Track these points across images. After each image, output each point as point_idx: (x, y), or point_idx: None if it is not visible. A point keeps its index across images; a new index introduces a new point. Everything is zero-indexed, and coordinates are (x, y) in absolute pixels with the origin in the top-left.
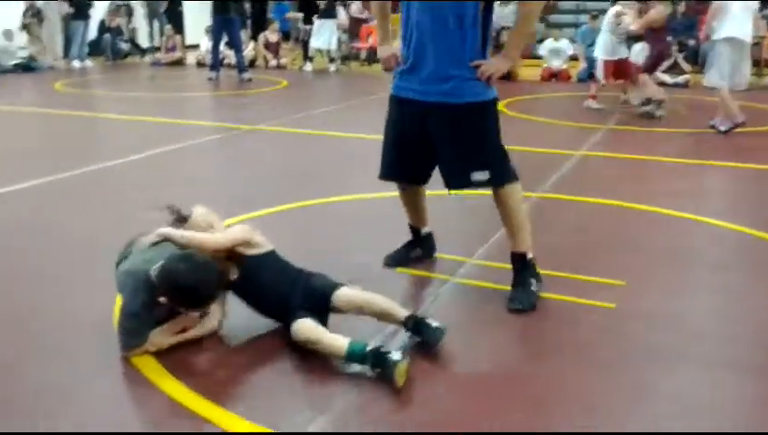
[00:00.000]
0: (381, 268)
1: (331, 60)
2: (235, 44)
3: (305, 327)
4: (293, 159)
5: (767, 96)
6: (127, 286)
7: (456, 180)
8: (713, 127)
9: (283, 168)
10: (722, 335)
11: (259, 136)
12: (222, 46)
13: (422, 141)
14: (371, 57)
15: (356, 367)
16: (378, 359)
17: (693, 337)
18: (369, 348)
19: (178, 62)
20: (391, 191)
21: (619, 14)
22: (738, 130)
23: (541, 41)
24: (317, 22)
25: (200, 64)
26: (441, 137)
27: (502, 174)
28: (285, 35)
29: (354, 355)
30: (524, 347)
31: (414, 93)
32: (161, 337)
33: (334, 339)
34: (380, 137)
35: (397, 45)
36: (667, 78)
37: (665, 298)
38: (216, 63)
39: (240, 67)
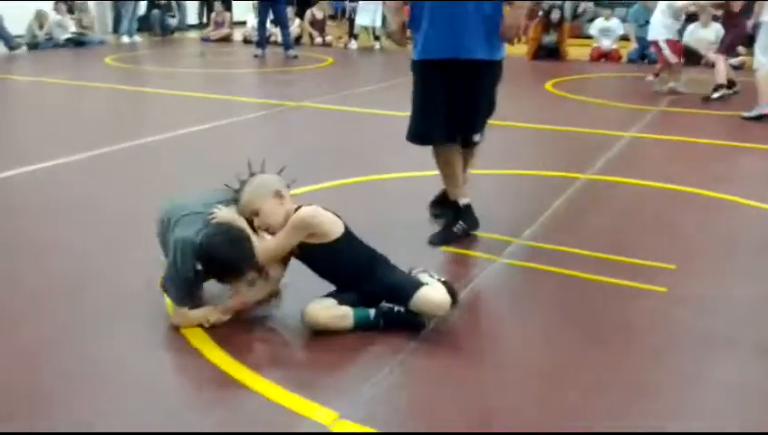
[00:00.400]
0: (426, 247)
1: (376, 37)
2: (281, 21)
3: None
4: (338, 136)
5: None
6: (180, 251)
7: (471, 134)
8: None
9: (327, 145)
10: None
11: (304, 113)
12: (268, 23)
13: (453, 97)
14: None
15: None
16: (389, 316)
17: (744, 323)
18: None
19: (226, 39)
20: (432, 170)
21: None
22: None
23: (591, 20)
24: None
25: (246, 41)
26: (472, 91)
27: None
28: (332, 14)
29: (361, 322)
30: (575, 330)
31: (454, 52)
32: (216, 313)
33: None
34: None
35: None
36: None
37: (716, 283)
38: (263, 41)
39: (286, 44)
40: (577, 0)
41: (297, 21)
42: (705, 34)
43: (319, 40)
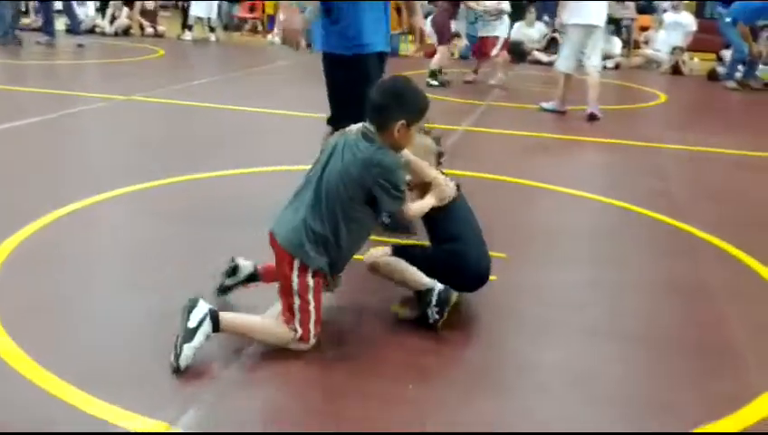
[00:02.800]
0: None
1: (212, 29)
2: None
3: None
4: (172, 131)
5: (637, 76)
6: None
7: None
8: (591, 116)
9: (159, 140)
10: (604, 307)
11: (134, 107)
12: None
13: None
14: (255, 27)
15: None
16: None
17: (575, 309)
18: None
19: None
20: (268, 166)
21: None
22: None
23: (426, 17)
24: None
25: (69, 31)
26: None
27: None
28: (164, 4)
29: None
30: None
31: (382, 45)
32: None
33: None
34: (264, 110)
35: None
36: (543, 57)
37: (547, 271)
38: (51, 28)
39: (73, 29)
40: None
41: (125, 10)
42: (531, 33)
43: (150, 30)
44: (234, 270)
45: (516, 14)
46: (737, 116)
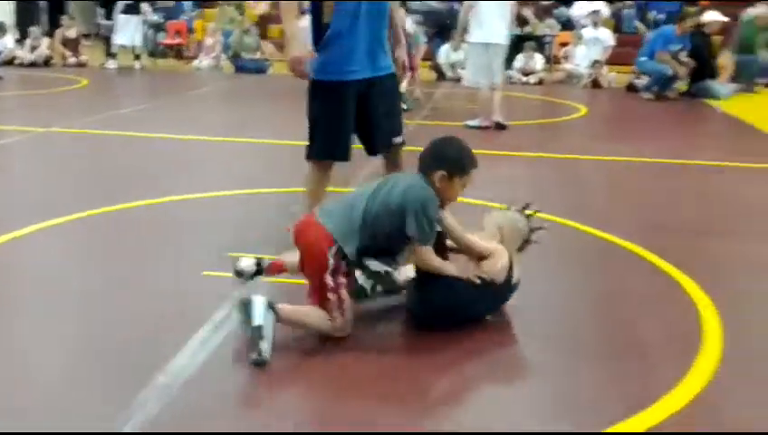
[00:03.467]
0: (198, 269)
1: (137, 56)
2: None
3: None
4: (95, 162)
5: (558, 90)
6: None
7: (385, 143)
8: (498, 125)
9: (79, 172)
10: (527, 311)
11: (54, 139)
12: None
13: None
14: (180, 53)
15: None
16: None
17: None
18: None
19: None
20: (203, 193)
21: None
22: (495, 126)
23: None
24: (121, 17)
25: None
26: (377, 106)
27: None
28: (87, 33)
29: None
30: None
31: (361, 72)
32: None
33: None
34: (193, 137)
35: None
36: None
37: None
38: None
39: None
40: None
41: (46, 40)
42: (456, 56)
43: (72, 60)
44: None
45: (442, 37)
46: (654, 125)
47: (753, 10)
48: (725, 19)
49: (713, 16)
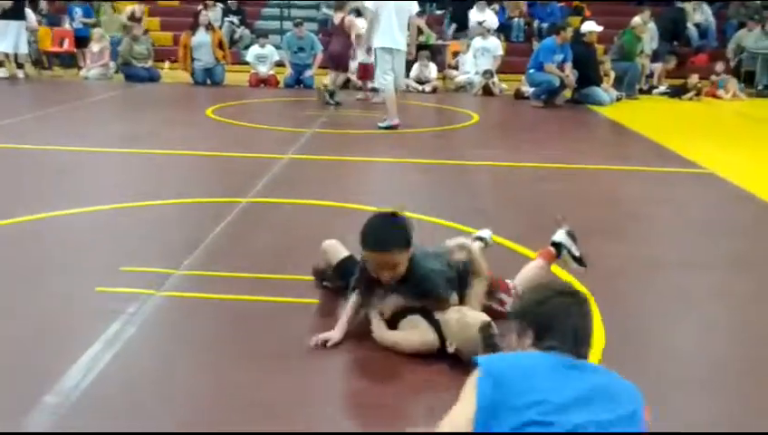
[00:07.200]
0: (80, 287)
1: (20, 65)
2: None
3: None
4: None
5: (452, 98)
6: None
7: None
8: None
9: None
10: None
11: None
12: None
13: None
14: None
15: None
16: None
17: None
18: None
19: None
20: (92, 206)
21: None
22: (405, 130)
23: (247, 47)
24: (0, 23)
25: None
26: None
27: None
28: None
29: None
30: (228, 350)
31: None
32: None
33: None
34: (80, 148)
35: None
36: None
37: None
38: None
39: None
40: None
41: None
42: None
43: None
44: None
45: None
46: (542, 132)
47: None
48: (600, 29)
49: (590, 26)
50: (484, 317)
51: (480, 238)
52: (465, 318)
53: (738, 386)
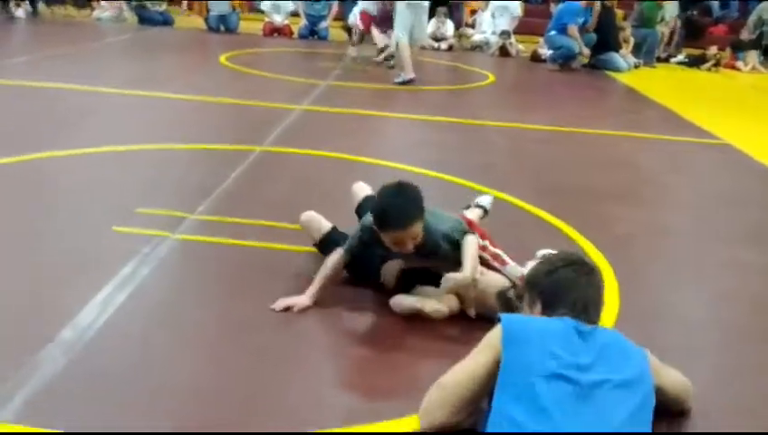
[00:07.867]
0: (96, 227)
1: (33, 4)
2: None
3: None
4: None
5: (468, 57)
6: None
7: None
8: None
9: None
10: None
11: None
12: None
13: None
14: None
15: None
16: None
17: None
18: None
19: None
20: (109, 146)
21: None
22: (422, 86)
23: None
24: None
25: None
26: None
27: None
28: None
29: None
30: (239, 293)
31: None
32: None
33: None
34: (94, 88)
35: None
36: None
37: None
38: None
39: None
40: None
41: None
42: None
43: None
44: None
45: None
46: (558, 95)
47: None
48: None
49: None
50: (504, 281)
51: (480, 206)
52: (483, 283)
53: (749, 352)
